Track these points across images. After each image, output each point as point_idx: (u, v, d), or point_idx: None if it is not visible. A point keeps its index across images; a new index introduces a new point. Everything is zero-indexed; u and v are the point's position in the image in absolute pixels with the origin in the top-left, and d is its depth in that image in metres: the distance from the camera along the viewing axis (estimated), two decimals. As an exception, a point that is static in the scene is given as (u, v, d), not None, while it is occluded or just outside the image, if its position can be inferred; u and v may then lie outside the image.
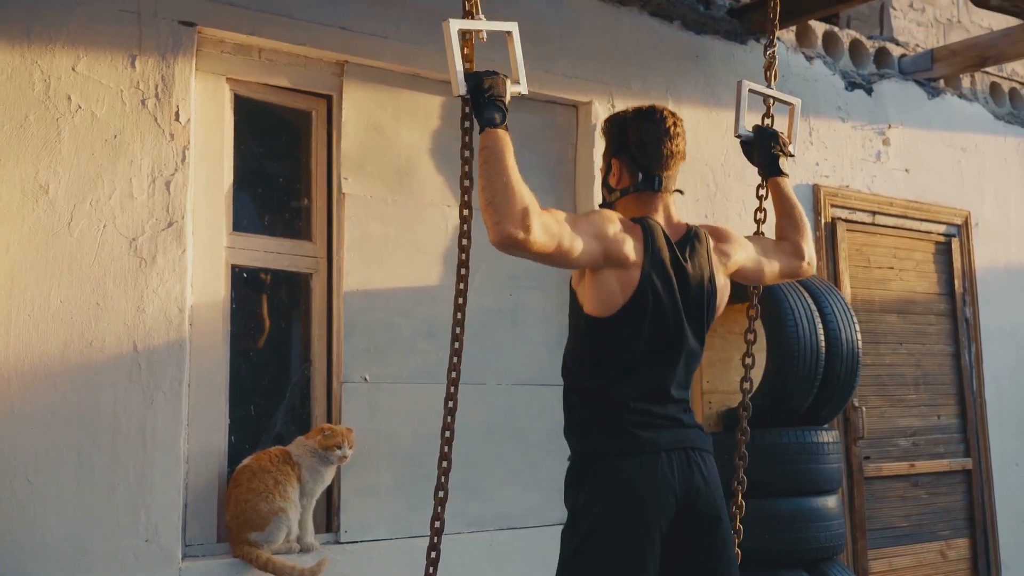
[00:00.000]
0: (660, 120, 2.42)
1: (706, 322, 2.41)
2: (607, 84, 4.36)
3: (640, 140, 2.41)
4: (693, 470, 2.31)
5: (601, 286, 2.28)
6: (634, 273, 2.27)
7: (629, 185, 2.41)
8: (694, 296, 2.36)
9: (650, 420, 2.30)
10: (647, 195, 2.40)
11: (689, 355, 2.38)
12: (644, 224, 2.33)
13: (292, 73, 3.67)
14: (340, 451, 3.30)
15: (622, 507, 2.24)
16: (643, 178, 2.40)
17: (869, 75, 5.50)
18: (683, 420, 2.36)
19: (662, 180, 2.40)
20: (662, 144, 2.39)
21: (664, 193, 2.41)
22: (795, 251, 2.69)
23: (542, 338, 4.10)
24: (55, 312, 3.00)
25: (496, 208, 2.12)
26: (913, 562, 5.18)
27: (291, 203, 3.77)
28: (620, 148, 2.44)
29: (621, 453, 2.27)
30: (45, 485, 2.93)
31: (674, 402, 2.36)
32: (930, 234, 5.60)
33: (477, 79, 2.31)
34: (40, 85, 3.06)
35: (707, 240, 2.43)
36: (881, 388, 5.21)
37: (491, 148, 2.21)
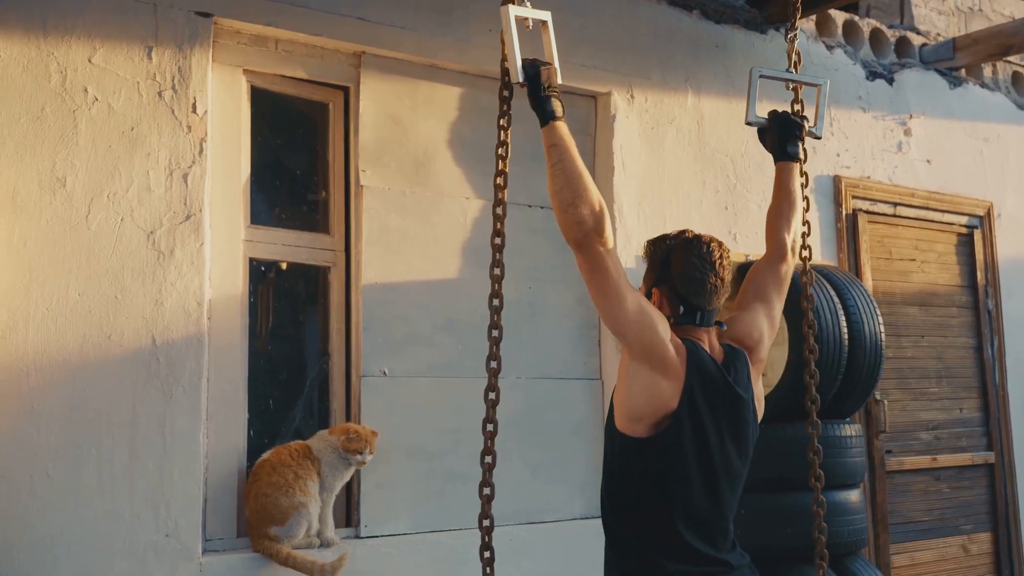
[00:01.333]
0: (707, 253, 2.30)
1: (752, 440, 2.31)
2: (626, 75, 4.31)
3: (684, 273, 2.29)
4: None
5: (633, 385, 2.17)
6: (669, 388, 2.16)
7: (670, 316, 2.29)
8: (745, 420, 2.27)
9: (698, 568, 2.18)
10: (688, 328, 2.30)
11: (735, 479, 2.27)
12: (689, 345, 2.23)
13: (309, 64, 3.63)
14: (360, 456, 3.27)
15: None
16: (685, 312, 2.28)
17: (890, 64, 5.43)
18: (730, 562, 2.24)
19: (704, 315, 2.30)
20: (707, 280, 2.28)
21: (706, 327, 2.32)
22: (779, 251, 2.56)
23: (562, 332, 4.07)
24: (73, 306, 2.98)
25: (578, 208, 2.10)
26: (935, 556, 5.12)
27: (309, 196, 3.75)
28: (663, 278, 2.33)
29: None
30: (65, 480, 2.91)
31: (722, 536, 2.24)
32: (952, 225, 5.53)
33: (535, 68, 2.25)
34: (56, 77, 3.04)
35: (746, 358, 2.34)
36: (903, 381, 5.15)
37: (562, 145, 2.17)
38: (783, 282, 2.56)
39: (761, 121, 2.79)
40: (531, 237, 4.06)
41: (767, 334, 2.45)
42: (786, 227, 2.61)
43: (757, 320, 2.47)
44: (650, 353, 2.15)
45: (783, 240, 2.59)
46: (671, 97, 4.45)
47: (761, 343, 2.43)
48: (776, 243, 2.59)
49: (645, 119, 4.33)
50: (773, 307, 2.51)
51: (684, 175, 4.43)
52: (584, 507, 4.01)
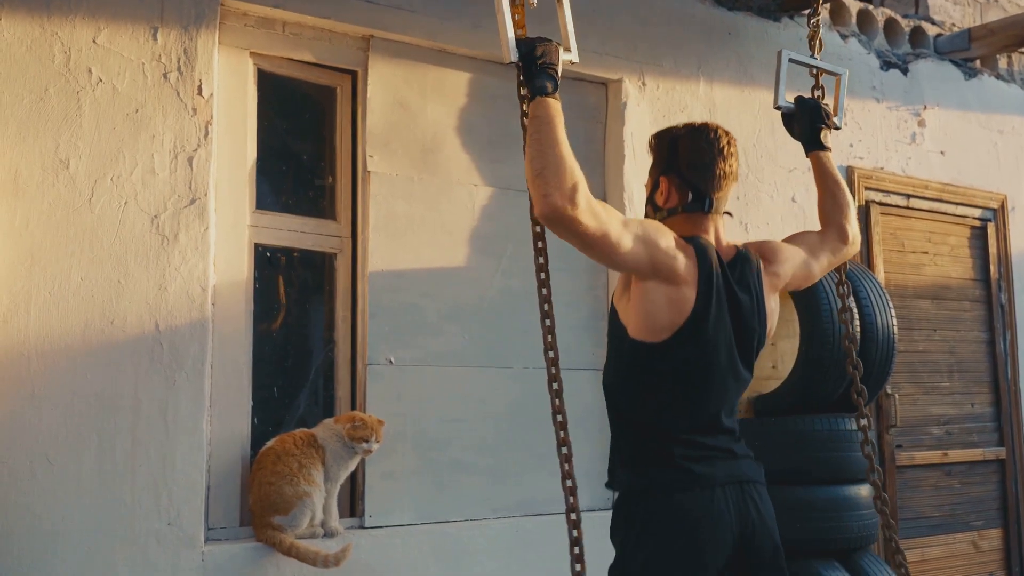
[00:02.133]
0: (715, 139, 2.27)
1: (756, 349, 2.29)
2: (638, 62, 4.25)
3: (692, 159, 2.25)
4: (748, 505, 2.19)
5: (648, 304, 2.13)
6: (686, 293, 2.13)
7: (678, 205, 2.25)
8: (746, 322, 2.23)
9: (702, 452, 2.17)
10: (697, 216, 2.25)
11: (740, 383, 2.26)
12: (697, 244, 2.19)
13: (317, 48, 3.58)
14: (366, 444, 3.22)
15: (677, 547, 2.12)
16: (693, 198, 2.24)
17: (904, 55, 5.36)
18: (735, 451, 2.23)
19: (713, 202, 2.24)
20: (715, 165, 2.24)
21: (715, 215, 2.27)
22: (839, 235, 2.54)
23: (570, 321, 4.02)
24: (76, 290, 2.94)
25: (546, 179, 2.01)
26: (945, 552, 5.07)
27: (315, 181, 3.70)
28: (670, 166, 2.28)
29: (673, 488, 2.15)
30: (66, 466, 2.88)
31: (725, 432, 2.23)
32: (965, 218, 5.46)
33: (529, 45, 2.21)
34: (60, 57, 2.99)
35: (757, 262, 2.30)
36: (914, 375, 5.09)
37: (542, 117, 2.11)
38: (833, 256, 2.51)
39: (790, 106, 2.74)
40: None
41: (793, 268, 2.39)
42: (845, 215, 2.57)
43: (793, 251, 2.42)
44: (662, 272, 2.12)
45: (843, 227, 2.55)
46: (683, 85, 4.39)
47: (783, 264, 2.37)
48: (838, 228, 2.54)
49: (657, 107, 4.27)
50: (813, 259, 2.45)
51: (695, 164, 4.37)
52: (591, 498, 3.96)
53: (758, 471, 2.27)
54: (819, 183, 2.66)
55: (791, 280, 2.41)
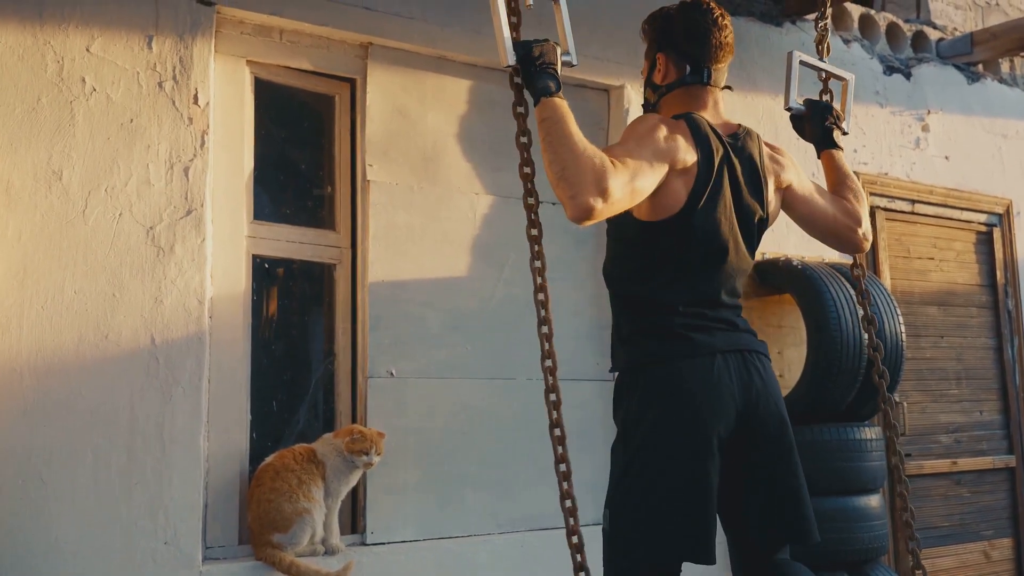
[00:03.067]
0: (708, 10, 2.29)
1: (758, 228, 2.28)
2: (640, 68, 4.18)
3: (688, 31, 2.27)
4: (751, 372, 2.18)
5: (664, 193, 2.12)
6: (692, 170, 2.14)
7: (676, 79, 2.27)
8: (747, 197, 2.23)
9: (703, 323, 2.17)
10: (696, 89, 2.27)
11: (740, 259, 2.24)
12: (688, 118, 2.19)
13: (315, 56, 3.53)
14: (366, 457, 3.15)
15: (678, 414, 2.10)
16: (691, 71, 2.26)
17: (907, 59, 5.32)
18: (737, 323, 2.24)
19: (711, 73, 2.26)
20: (711, 34, 2.26)
21: (713, 88, 2.28)
22: (851, 214, 2.47)
23: (575, 331, 3.96)
24: (69, 303, 2.87)
25: (569, 181, 1.97)
26: (956, 563, 5.00)
27: (314, 191, 3.64)
28: (666, 42, 2.31)
29: (674, 357, 2.14)
30: (59, 484, 2.81)
31: (726, 307, 2.23)
32: (971, 223, 5.41)
33: (527, 47, 2.16)
34: (53, 66, 2.93)
35: (759, 141, 2.30)
36: (922, 383, 5.03)
37: (551, 118, 2.06)
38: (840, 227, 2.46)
39: (800, 108, 2.70)
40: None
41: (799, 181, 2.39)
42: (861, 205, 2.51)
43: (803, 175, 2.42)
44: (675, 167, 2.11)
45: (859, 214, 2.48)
46: (685, 91, 4.33)
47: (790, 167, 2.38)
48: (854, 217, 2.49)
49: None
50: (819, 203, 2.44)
51: (699, 171, 4.31)
52: (595, 513, 3.89)
53: (761, 344, 2.26)
54: (832, 179, 2.60)
55: (790, 191, 2.38)
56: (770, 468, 2.18)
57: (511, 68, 2.19)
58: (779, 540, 2.23)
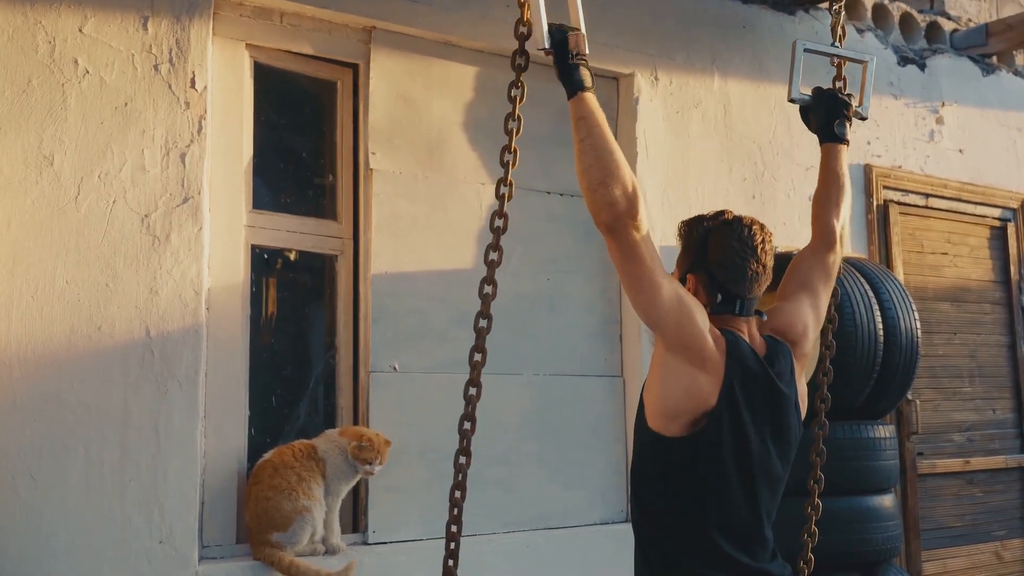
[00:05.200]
0: (748, 236, 2.10)
1: (795, 441, 2.12)
2: (650, 55, 4.09)
3: (723, 258, 2.09)
4: None
5: (667, 382, 1.98)
6: (707, 383, 1.97)
7: (706, 304, 2.08)
8: (785, 417, 2.07)
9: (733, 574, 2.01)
10: (726, 318, 2.09)
11: (773, 487, 2.08)
12: (729, 336, 2.02)
13: (316, 40, 3.42)
14: (369, 467, 3.07)
15: None
16: (723, 300, 2.09)
17: (921, 50, 5.21)
18: (772, 572, 2.05)
19: (744, 304, 2.09)
20: (748, 264, 2.08)
21: (747, 317, 2.12)
22: (827, 238, 2.36)
23: (582, 326, 3.86)
24: (60, 294, 2.77)
25: (609, 188, 1.89)
26: (967, 564, 4.91)
27: (315, 179, 3.54)
28: (699, 263, 2.12)
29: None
30: (50, 482, 2.71)
31: (762, 547, 2.05)
32: (985, 218, 5.31)
33: (563, 33, 2.04)
34: (44, 47, 2.83)
35: (789, 351, 2.14)
36: (934, 380, 4.93)
37: (591, 118, 1.96)
38: (831, 272, 2.36)
39: (805, 98, 2.59)
40: (549, 225, 3.85)
41: (812, 327, 2.25)
42: (835, 213, 2.41)
43: (801, 311, 2.26)
44: (688, 346, 1.96)
45: (831, 227, 2.39)
46: (697, 80, 4.23)
47: (805, 336, 2.22)
48: (824, 230, 2.39)
49: (669, 103, 4.11)
50: (819, 298, 2.31)
51: (710, 162, 4.22)
52: (604, 512, 3.80)
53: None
54: (823, 175, 2.48)
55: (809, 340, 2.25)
56: None
57: (543, 51, 2.07)
58: None
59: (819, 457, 2.71)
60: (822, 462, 2.71)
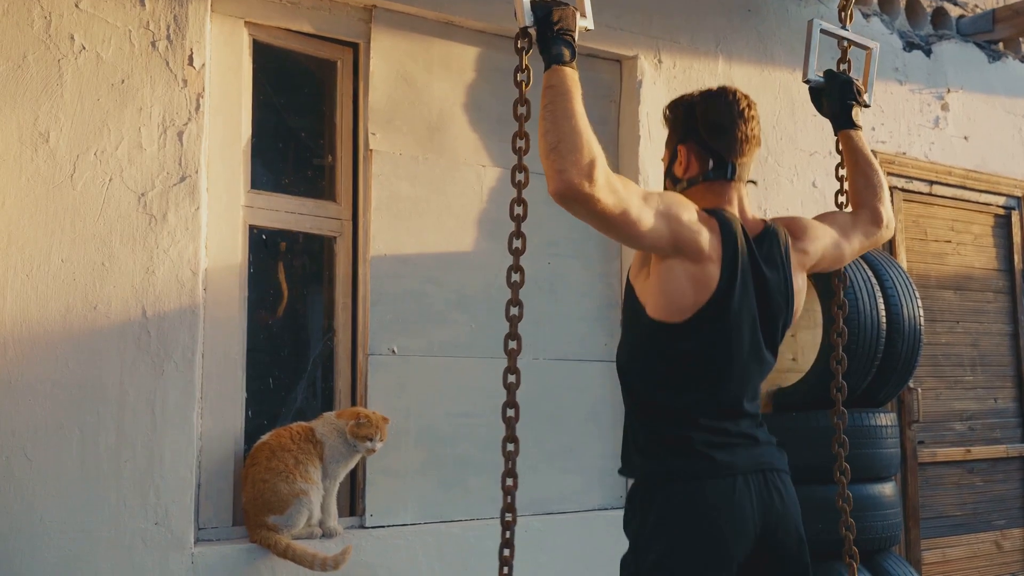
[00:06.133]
0: (733, 101, 2.12)
1: (782, 331, 2.14)
2: (654, 37, 4.04)
3: (711, 123, 2.10)
4: (772, 494, 2.05)
5: (669, 282, 1.98)
6: (710, 270, 1.98)
7: (698, 174, 2.11)
8: (772, 302, 2.08)
9: (724, 439, 2.03)
10: (719, 185, 2.11)
11: (763, 365, 2.11)
12: (720, 216, 2.03)
13: (316, 18, 3.38)
14: (370, 444, 3.04)
15: (696, 538, 1.98)
16: (715, 165, 2.10)
17: (927, 36, 5.16)
18: (758, 437, 2.09)
19: (736, 168, 2.10)
20: (736, 127, 2.09)
21: (738, 183, 2.12)
22: (873, 218, 2.36)
23: (582, 310, 3.83)
24: (56, 272, 2.74)
25: (560, 154, 1.83)
26: (967, 553, 4.89)
27: (314, 160, 3.50)
28: (688, 133, 2.13)
29: (693, 476, 2.01)
30: (45, 462, 2.68)
31: (748, 416, 2.09)
32: (989, 206, 5.27)
33: (546, 8, 2.02)
34: (40, 23, 2.79)
35: (785, 238, 2.15)
36: (936, 369, 4.90)
37: (558, 87, 1.93)
38: (866, 239, 2.33)
39: (819, 81, 2.56)
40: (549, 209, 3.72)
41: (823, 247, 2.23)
42: (878, 196, 2.40)
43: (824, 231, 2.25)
44: (682, 250, 1.97)
45: (877, 209, 2.37)
46: (701, 63, 4.18)
47: (814, 240, 2.21)
48: (871, 211, 2.37)
49: (673, 85, 4.06)
50: (844, 245, 2.28)
51: (713, 146, 4.17)
52: (603, 497, 3.78)
53: (782, 459, 2.14)
54: (849, 163, 2.50)
55: (820, 261, 2.25)
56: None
57: (526, 29, 2.06)
58: None
59: (842, 448, 2.68)
60: (846, 452, 2.69)
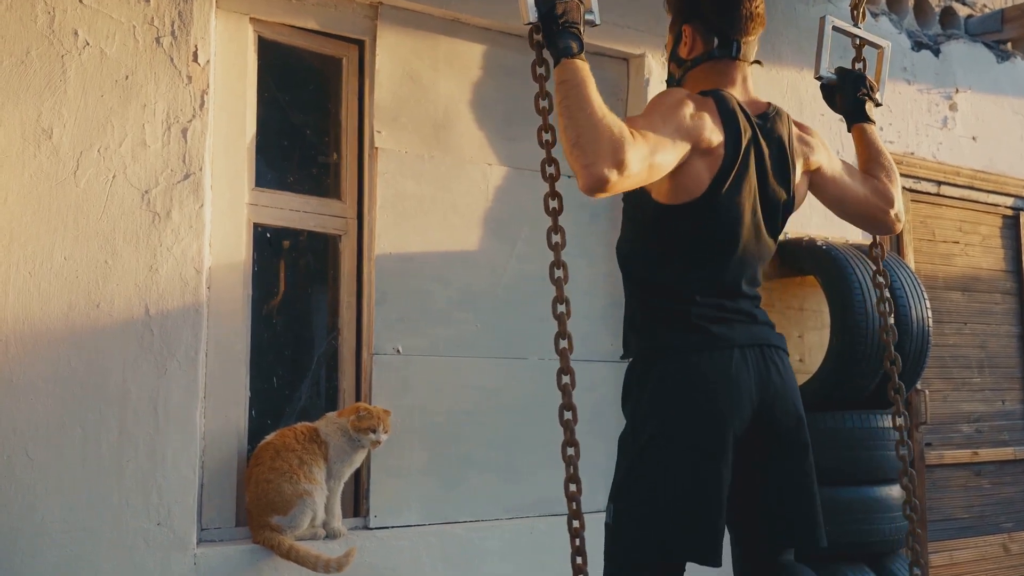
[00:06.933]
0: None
1: (783, 213, 2.15)
2: (661, 36, 3.97)
3: (715, 1, 2.12)
4: (770, 368, 2.06)
5: (684, 174, 1.99)
6: (717, 151, 2.00)
7: (703, 53, 2.13)
8: (773, 180, 2.09)
9: (721, 314, 2.05)
10: (724, 64, 2.12)
11: (761, 248, 2.12)
12: (716, 96, 2.04)
13: (322, 15, 3.35)
14: (374, 435, 3.00)
15: (692, 410, 1.99)
16: (719, 44, 2.11)
17: (935, 35, 5.13)
18: (756, 315, 2.11)
19: (741, 46, 2.11)
20: (740, 5, 2.11)
21: (742, 62, 2.13)
22: (883, 194, 2.34)
23: (588, 310, 3.80)
24: (58, 270, 2.71)
25: (583, 149, 1.83)
26: (975, 555, 4.86)
27: (319, 157, 3.48)
28: (692, 12, 2.15)
29: (690, 348, 2.02)
30: (46, 461, 2.66)
31: (746, 297, 2.11)
32: (997, 207, 5.24)
33: (549, 3, 2.00)
34: (43, 18, 2.76)
35: (788, 121, 2.16)
36: (944, 370, 4.87)
37: (570, 81, 1.91)
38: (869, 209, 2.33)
39: (832, 77, 2.54)
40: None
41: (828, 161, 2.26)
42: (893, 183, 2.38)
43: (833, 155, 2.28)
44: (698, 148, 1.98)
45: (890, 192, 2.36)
46: (708, 61, 4.15)
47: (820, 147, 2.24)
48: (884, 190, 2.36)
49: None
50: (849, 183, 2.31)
51: (720, 145, 4.14)
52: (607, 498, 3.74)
53: (780, 338, 2.15)
54: (864, 158, 2.48)
55: (820, 172, 2.25)
56: (782, 467, 2.10)
57: (531, 25, 2.04)
58: (784, 541, 2.14)
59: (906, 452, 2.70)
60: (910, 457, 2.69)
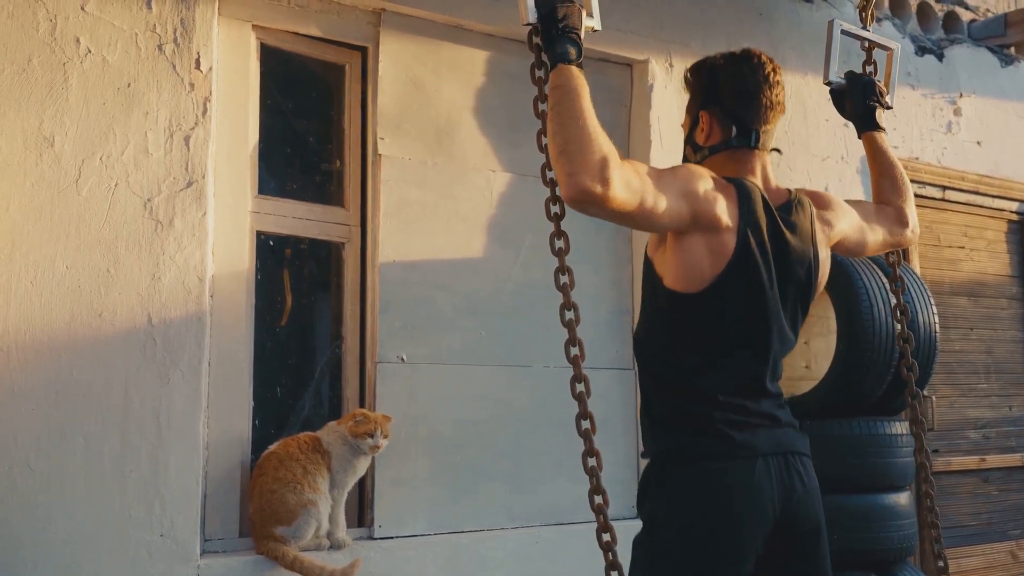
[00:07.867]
0: (759, 65, 2.06)
1: (805, 304, 2.07)
2: (664, 41, 4.00)
3: (735, 89, 2.04)
4: (793, 477, 1.98)
5: (687, 253, 1.92)
6: (727, 239, 1.92)
7: (721, 141, 2.05)
8: (795, 273, 2.02)
9: (744, 418, 1.95)
10: (742, 153, 2.04)
11: (783, 341, 2.03)
12: (739, 184, 1.97)
13: (324, 22, 3.34)
14: (372, 440, 2.98)
15: (712, 521, 1.91)
16: (738, 133, 2.03)
17: (938, 40, 5.12)
18: (779, 418, 2.01)
19: (760, 135, 2.04)
20: (760, 93, 2.03)
21: (761, 151, 2.06)
22: (898, 217, 2.33)
23: (594, 317, 3.77)
24: (60, 279, 2.69)
25: (570, 157, 1.77)
26: (982, 563, 4.83)
27: (322, 165, 3.46)
28: (710, 99, 2.07)
29: (712, 456, 1.93)
30: (48, 472, 2.63)
31: (768, 396, 2.01)
32: (1003, 211, 5.22)
33: (550, 5, 1.96)
34: (45, 25, 2.75)
35: (810, 208, 2.09)
36: (950, 376, 4.85)
37: (564, 87, 1.87)
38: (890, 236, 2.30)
39: (841, 82, 2.51)
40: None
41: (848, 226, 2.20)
42: (905, 199, 2.36)
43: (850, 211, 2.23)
44: (700, 222, 1.91)
45: (903, 210, 2.34)
46: (712, 67, 4.14)
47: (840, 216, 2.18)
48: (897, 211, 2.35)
49: (684, 90, 4.01)
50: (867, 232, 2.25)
51: (725, 151, 4.13)
52: (616, 507, 3.71)
53: (803, 441, 2.06)
54: (874, 165, 2.46)
55: (843, 240, 2.20)
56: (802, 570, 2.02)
57: (530, 26, 2.01)
58: None
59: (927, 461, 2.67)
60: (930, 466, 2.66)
